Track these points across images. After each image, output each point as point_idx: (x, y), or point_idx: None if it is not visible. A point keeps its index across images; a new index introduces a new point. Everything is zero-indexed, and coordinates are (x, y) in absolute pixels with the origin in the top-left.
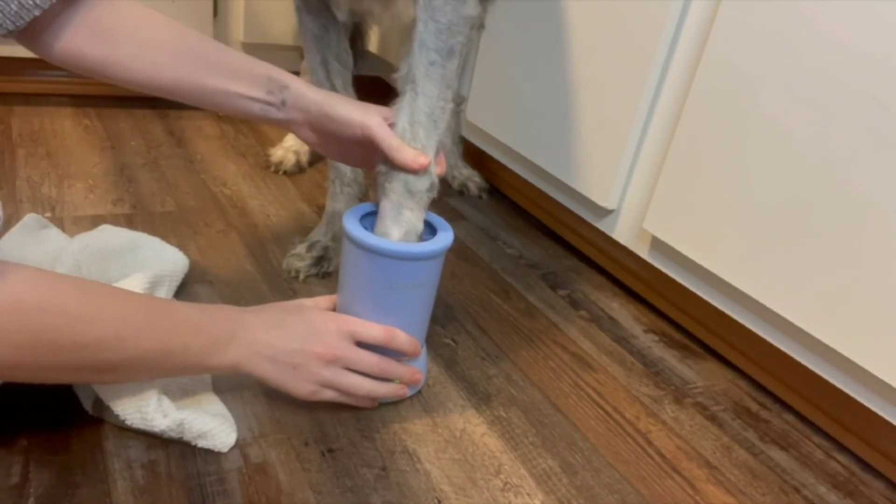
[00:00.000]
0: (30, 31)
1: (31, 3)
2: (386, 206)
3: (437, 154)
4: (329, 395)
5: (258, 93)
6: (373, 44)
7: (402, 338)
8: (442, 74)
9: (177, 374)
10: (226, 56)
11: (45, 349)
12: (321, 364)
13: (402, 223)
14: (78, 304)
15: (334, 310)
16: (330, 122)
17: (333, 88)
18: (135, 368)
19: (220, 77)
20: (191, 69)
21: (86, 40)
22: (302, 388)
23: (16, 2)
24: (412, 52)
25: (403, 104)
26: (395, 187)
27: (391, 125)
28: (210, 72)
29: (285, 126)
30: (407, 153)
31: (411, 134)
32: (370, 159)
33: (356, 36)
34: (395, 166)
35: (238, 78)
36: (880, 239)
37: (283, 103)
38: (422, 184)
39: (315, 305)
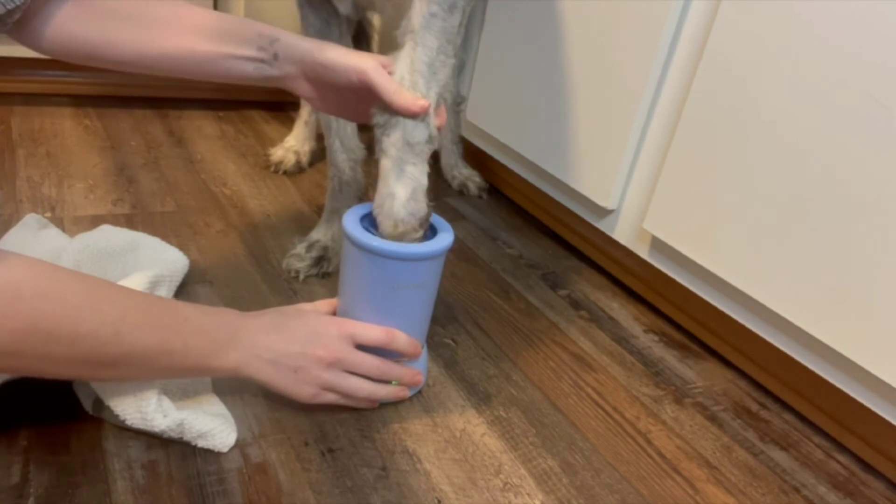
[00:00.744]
0: (20, 19)
1: None
2: (386, 165)
3: (437, 106)
4: (330, 397)
5: (249, 50)
6: (374, 47)
7: (402, 339)
8: (442, 27)
9: (176, 376)
10: (212, 19)
11: (43, 338)
12: (322, 367)
13: (407, 180)
14: (78, 295)
15: (334, 314)
16: (323, 69)
17: None
18: (132, 365)
19: (210, 41)
20: (180, 37)
21: (76, 22)
22: (303, 391)
23: None
24: (413, 4)
25: (402, 53)
26: (394, 140)
27: (390, 72)
28: (199, 37)
29: (281, 84)
30: (406, 95)
31: (410, 82)
32: (368, 111)
33: (361, 37)
34: (393, 110)
35: (227, 39)
36: (880, 239)
37: (276, 57)
38: (420, 134)
39: (314, 309)
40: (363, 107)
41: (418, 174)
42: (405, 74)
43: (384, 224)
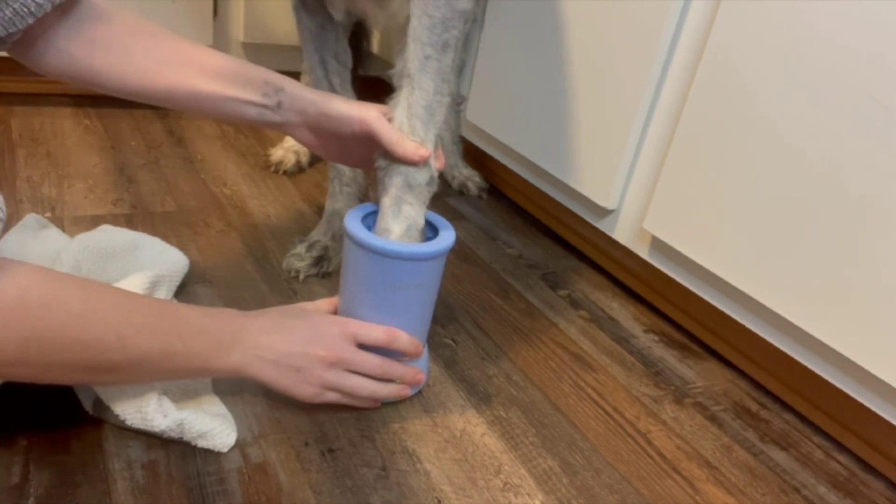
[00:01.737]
0: (23, 40)
1: (25, 10)
2: (386, 202)
3: (435, 148)
4: (332, 396)
5: (253, 96)
6: (374, 44)
7: (403, 338)
8: (437, 68)
9: (179, 377)
10: (219, 61)
11: (48, 346)
12: (324, 367)
13: (403, 218)
14: (81, 302)
15: (335, 313)
16: (327, 120)
17: (331, 87)
18: (136, 369)
19: (215, 82)
20: (184, 75)
21: (79, 49)
22: (305, 390)
23: (10, 8)
24: (407, 47)
25: (400, 98)
26: (395, 182)
27: (389, 120)
28: (204, 77)
29: (282, 129)
30: (407, 145)
31: (409, 127)
32: (369, 157)
33: (360, 37)
34: (395, 159)
35: (232, 82)
36: (880, 238)
37: (279, 105)
38: (422, 177)
39: (316, 309)
40: (365, 154)
41: (415, 214)
42: (404, 120)
43: None
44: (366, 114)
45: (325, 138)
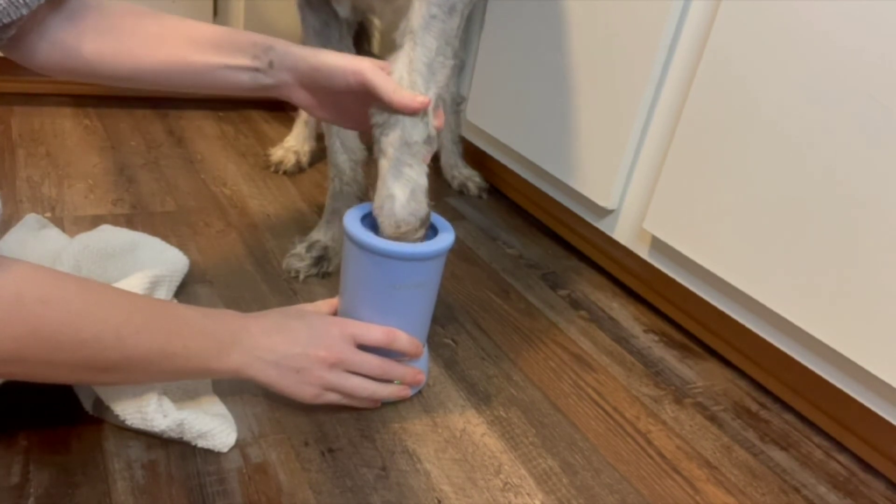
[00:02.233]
0: (15, 35)
1: (20, 0)
2: (385, 165)
3: (435, 108)
4: (332, 397)
5: (244, 60)
6: (375, 45)
7: (403, 339)
8: (442, 29)
9: (178, 378)
10: (207, 30)
11: (45, 344)
12: (324, 367)
13: (405, 181)
14: (79, 300)
15: (334, 314)
16: (320, 74)
17: None
18: (135, 369)
19: (205, 51)
20: (174, 49)
21: (71, 39)
22: (306, 391)
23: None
24: (412, 5)
25: (401, 54)
26: (392, 139)
27: (388, 74)
28: (194, 48)
29: (277, 93)
30: (404, 92)
31: (409, 82)
32: (367, 116)
33: (363, 38)
34: (392, 108)
35: (222, 49)
36: (880, 239)
37: (271, 65)
38: (419, 133)
39: (315, 310)
40: (361, 111)
41: (416, 175)
42: (404, 74)
43: (385, 225)
44: (359, 65)
45: (320, 96)
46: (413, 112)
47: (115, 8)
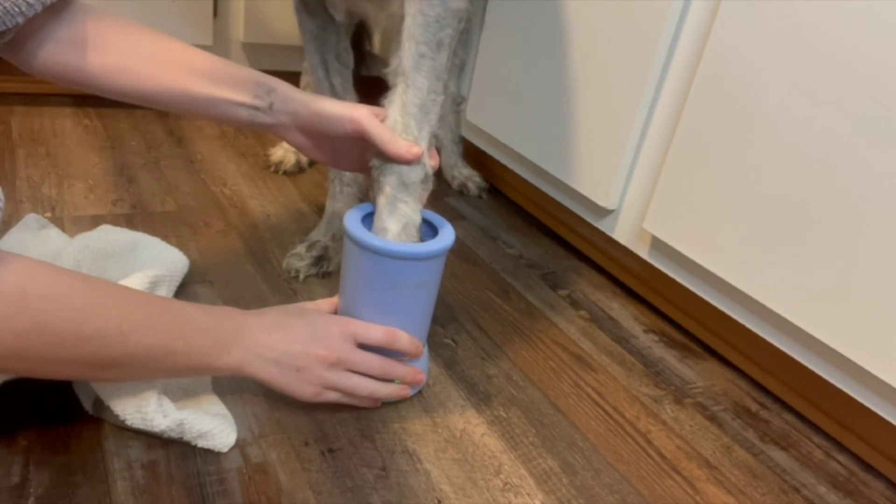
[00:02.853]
0: (13, 41)
1: (16, 9)
2: (381, 202)
3: (430, 146)
4: (332, 396)
5: (245, 97)
6: (375, 44)
7: (403, 338)
8: (432, 66)
9: (178, 375)
10: (211, 63)
11: (47, 339)
12: (324, 366)
13: (399, 217)
14: (81, 296)
15: (335, 313)
16: (318, 120)
17: (332, 87)
18: (136, 366)
19: (206, 84)
20: (175, 76)
21: (70, 50)
22: (306, 390)
23: (1, 6)
24: (402, 45)
25: (394, 97)
26: (390, 181)
27: (382, 120)
28: (196, 79)
29: (274, 132)
30: (400, 143)
31: (403, 125)
32: (363, 160)
33: (362, 37)
34: (388, 158)
35: (224, 84)
36: (880, 239)
37: (271, 107)
38: (416, 175)
39: (316, 308)
40: (357, 155)
41: (410, 211)
42: (398, 118)
43: None
44: (356, 113)
45: (317, 140)
46: (408, 163)
47: (114, 21)
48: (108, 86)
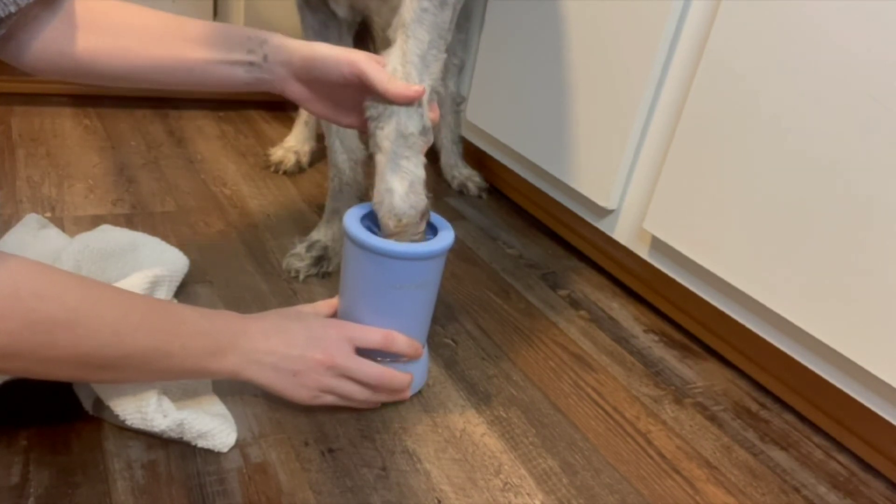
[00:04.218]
0: (5, 34)
1: None
2: (382, 160)
3: (430, 100)
4: (329, 399)
5: (239, 55)
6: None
7: (401, 341)
8: (434, 22)
9: (175, 378)
10: (203, 28)
11: (41, 339)
12: (321, 370)
13: (402, 174)
14: (75, 296)
15: (334, 314)
16: (314, 66)
17: None
18: (131, 367)
19: (201, 48)
20: (170, 46)
21: (64, 38)
22: (302, 393)
23: None
24: (403, 3)
25: (395, 47)
26: (388, 132)
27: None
28: (190, 46)
29: (273, 87)
30: (398, 82)
31: (403, 73)
32: (363, 112)
33: (366, 38)
34: (387, 99)
35: (218, 45)
36: (880, 239)
37: (266, 58)
38: (414, 124)
39: (314, 311)
40: (357, 106)
41: (414, 167)
42: (398, 66)
43: (385, 220)
44: (354, 56)
45: (315, 89)
46: (408, 101)
47: (106, 5)
48: (105, 69)
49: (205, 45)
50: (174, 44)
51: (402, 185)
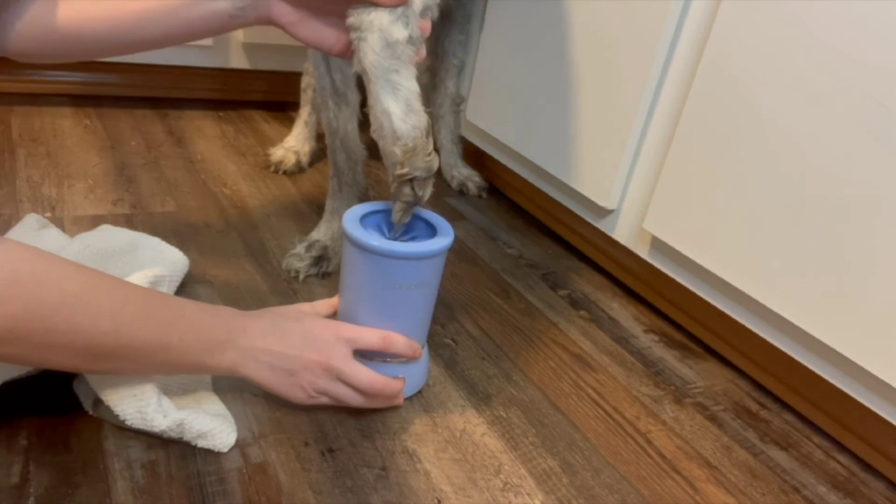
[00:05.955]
0: None
1: None
2: (371, 80)
3: (423, 14)
4: (324, 400)
5: None
6: None
7: (399, 342)
8: None
9: (172, 371)
10: None
11: (40, 324)
12: (317, 371)
13: (397, 91)
14: (74, 282)
15: (333, 314)
16: None
17: (333, 83)
18: (129, 358)
19: None
20: None
21: (47, 11)
22: (298, 393)
23: None
24: None
25: None
26: (373, 44)
27: None
28: None
29: (259, 14)
30: None
31: None
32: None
33: None
34: (368, 4)
35: None
36: (880, 239)
37: None
38: (399, 31)
39: (313, 311)
40: (342, 25)
41: (405, 80)
42: None
43: (390, 148)
44: None
45: (303, 5)
46: (394, 1)
47: None
48: (89, 36)
49: None
50: None
51: (397, 104)
